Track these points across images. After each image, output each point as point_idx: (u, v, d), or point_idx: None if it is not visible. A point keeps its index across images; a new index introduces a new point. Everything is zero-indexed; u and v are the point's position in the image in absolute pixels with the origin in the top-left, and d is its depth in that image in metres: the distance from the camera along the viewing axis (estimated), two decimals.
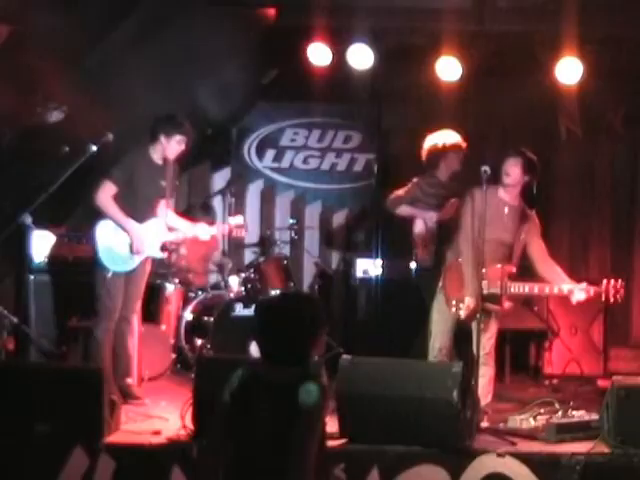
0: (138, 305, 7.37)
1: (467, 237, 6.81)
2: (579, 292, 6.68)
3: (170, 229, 7.43)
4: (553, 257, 7.04)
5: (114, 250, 7.11)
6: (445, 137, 7.96)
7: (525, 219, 6.92)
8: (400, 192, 8.06)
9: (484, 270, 6.60)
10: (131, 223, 7.11)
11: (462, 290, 6.80)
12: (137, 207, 7.15)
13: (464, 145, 7.98)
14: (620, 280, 6.68)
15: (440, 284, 7.02)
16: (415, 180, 8.07)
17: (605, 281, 6.66)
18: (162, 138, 7.14)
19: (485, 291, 6.65)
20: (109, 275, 7.07)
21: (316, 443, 3.89)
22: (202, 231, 7.66)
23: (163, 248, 7.41)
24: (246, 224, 8.27)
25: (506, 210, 6.85)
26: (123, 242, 7.12)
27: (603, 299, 6.67)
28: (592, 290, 6.67)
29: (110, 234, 7.11)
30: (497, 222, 6.74)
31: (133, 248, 7.11)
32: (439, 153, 7.95)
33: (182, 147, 7.21)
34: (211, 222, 8.71)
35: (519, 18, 8.24)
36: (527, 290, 6.75)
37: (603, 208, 9.47)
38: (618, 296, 6.65)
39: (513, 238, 6.85)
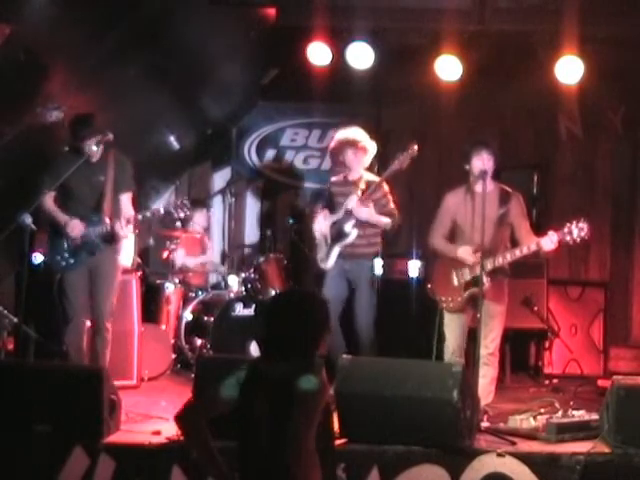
0: (107, 306, 7.08)
1: (439, 234, 6.97)
2: (546, 242, 6.61)
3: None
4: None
5: (56, 248, 7.08)
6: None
7: (506, 201, 6.86)
8: None
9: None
10: (64, 216, 7.01)
11: (448, 285, 6.84)
12: (75, 207, 7.06)
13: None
14: (582, 219, 6.60)
15: (429, 285, 7.06)
16: None
17: (568, 223, 6.59)
18: (79, 142, 6.98)
19: (468, 278, 6.76)
20: (59, 277, 7.04)
21: (312, 432, 3.87)
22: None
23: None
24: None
25: (486, 200, 6.67)
26: (62, 238, 7.05)
27: (569, 241, 6.60)
28: (556, 236, 6.58)
29: (51, 235, 7.13)
30: (478, 224, 6.68)
31: (68, 230, 7.00)
32: None
33: (101, 146, 7.01)
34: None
35: (519, 18, 8.24)
36: (501, 260, 6.73)
37: (603, 208, 9.46)
38: (583, 234, 6.56)
39: (495, 222, 6.79)
